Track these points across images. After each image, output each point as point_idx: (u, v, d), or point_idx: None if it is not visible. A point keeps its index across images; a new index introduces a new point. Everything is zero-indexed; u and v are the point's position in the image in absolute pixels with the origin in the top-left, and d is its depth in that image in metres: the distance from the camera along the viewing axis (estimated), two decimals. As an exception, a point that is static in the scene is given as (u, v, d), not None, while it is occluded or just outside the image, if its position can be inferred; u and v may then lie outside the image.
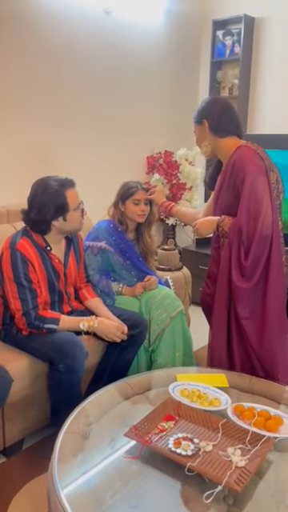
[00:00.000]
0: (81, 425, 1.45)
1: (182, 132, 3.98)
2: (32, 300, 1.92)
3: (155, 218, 2.51)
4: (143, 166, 3.71)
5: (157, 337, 2.31)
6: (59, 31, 2.88)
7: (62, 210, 1.94)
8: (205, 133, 1.99)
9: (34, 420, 2.03)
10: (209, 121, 1.97)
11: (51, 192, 1.92)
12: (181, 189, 3.63)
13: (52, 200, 1.91)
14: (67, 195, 1.94)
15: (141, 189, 2.37)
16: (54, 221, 1.95)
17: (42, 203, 1.92)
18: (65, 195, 1.93)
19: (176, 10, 3.63)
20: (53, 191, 1.92)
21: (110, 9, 3.13)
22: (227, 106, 2.00)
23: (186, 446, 1.30)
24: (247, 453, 1.30)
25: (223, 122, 1.96)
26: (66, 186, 1.95)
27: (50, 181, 1.94)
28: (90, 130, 3.23)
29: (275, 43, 3.54)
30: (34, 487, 1.77)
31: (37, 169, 2.12)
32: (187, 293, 2.88)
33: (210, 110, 1.98)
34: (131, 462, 1.30)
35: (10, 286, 1.92)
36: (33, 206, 1.94)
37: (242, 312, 1.89)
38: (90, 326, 2.01)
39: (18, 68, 2.74)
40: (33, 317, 1.92)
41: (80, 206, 2.01)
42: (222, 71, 3.86)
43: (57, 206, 1.92)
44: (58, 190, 1.92)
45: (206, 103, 2.03)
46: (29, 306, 1.91)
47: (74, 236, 2.15)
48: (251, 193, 1.83)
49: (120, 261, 2.41)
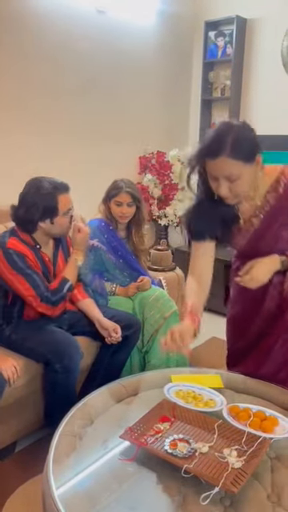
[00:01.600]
0: (76, 427, 1.44)
1: (175, 132, 3.99)
2: (42, 283, 1.94)
3: (144, 219, 2.50)
4: (135, 166, 3.70)
5: (150, 337, 2.30)
6: (52, 31, 2.87)
7: (51, 213, 1.93)
8: (256, 171, 1.46)
9: (27, 422, 2.01)
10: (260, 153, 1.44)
11: (43, 193, 1.90)
12: (173, 189, 3.63)
13: (42, 201, 1.90)
14: (59, 199, 1.92)
15: (124, 191, 2.36)
16: (40, 222, 1.94)
17: (31, 202, 1.90)
18: (56, 199, 1.92)
19: (168, 10, 3.63)
20: (45, 192, 1.90)
21: (103, 8, 3.12)
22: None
23: (182, 448, 1.30)
24: (243, 454, 1.29)
25: (257, 137, 1.46)
26: (59, 189, 1.93)
27: (44, 182, 1.93)
28: (82, 130, 3.21)
29: (267, 44, 3.56)
30: (27, 490, 1.76)
31: (30, 169, 2.10)
32: (180, 293, 2.88)
33: (257, 139, 1.44)
34: (127, 464, 1.29)
35: (16, 279, 1.91)
36: (22, 204, 1.93)
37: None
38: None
39: (11, 68, 2.72)
40: (50, 296, 1.94)
41: (70, 212, 1.99)
42: (214, 72, 3.87)
43: (46, 207, 1.91)
44: (50, 192, 1.91)
45: (248, 130, 1.43)
46: (42, 289, 1.93)
47: (63, 236, 2.14)
48: None
49: (112, 259, 2.40)
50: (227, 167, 1.38)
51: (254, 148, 1.42)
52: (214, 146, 1.37)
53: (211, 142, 1.39)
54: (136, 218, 2.44)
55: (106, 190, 2.43)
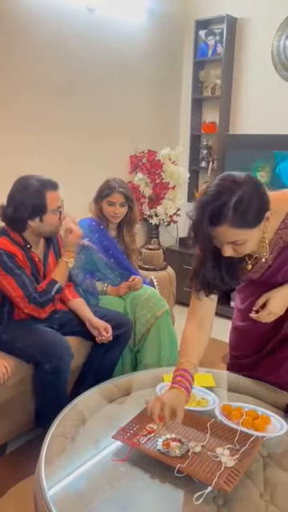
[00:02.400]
0: (67, 427, 1.43)
1: (166, 131, 3.99)
2: (31, 283, 1.92)
3: (136, 219, 2.50)
4: (126, 165, 3.69)
5: (142, 337, 2.30)
6: (42, 28, 2.85)
7: (39, 211, 1.91)
8: (265, 227, 1.34)
9: (18, 423, 1.99)
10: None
11: (31, 191, 1.89)
12: (164, 188, 3.62)
13: (30, 199, 1.89)
14: (47, 196, 1.91)
15: (117, 191, 2.35)
16: (30, 220, 1.92)
17: (20, 201, 1.89)
18: (45, 196, 1.91)
19: (159, 9, 3.62)
20: (33, 190, 1.89)
21: (93, 6, 3.10)
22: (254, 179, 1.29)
23: (175, 447, 1.30)
24: (236, 453, 1.29)
25: (265, 194, 1.30)
26: (47, 186, 1.92)
27: (31, 179, 1.91)
28: (73, 129, 3.19)
29: (257, 44, 3.57)
30: (19, 491, 1.74)
31: (19, 167, 2.08)
32: (172, 292, 2.89)
33: (265, 196, 1.29)
34: (119, 464, 1.29)
35: (5, 279, 1.89)
36: (11, 203, 1.92)
37: None
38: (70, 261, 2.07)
39: (0, 66, 2.69)
40: (38, 297, 1.93)
41: (59, 209, 1.98)
42: (204, 71, 3.87)
43: (34, 205, 1.90)
44: (38, 189, 1.89)
45: (253, 188, 1.25)
46: (30, 290, 1.91)
47: (54, 236, 2.13)
48: None
49: (103, 259, 2.39)
50: (230, 235, 1.26)
51: (260, 210, 1.26)
52: (215, 212, 1.22)
53: (212, 207, 1.22)
54: (128, 218, 2.44)
55: (97, 189, 2.42)
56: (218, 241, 1.31)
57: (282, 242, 1.43)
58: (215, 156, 3.90)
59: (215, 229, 1.25)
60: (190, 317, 1.55)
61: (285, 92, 3.46)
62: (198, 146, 4.03)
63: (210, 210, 1.23)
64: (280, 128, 3.43)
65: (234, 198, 1.21)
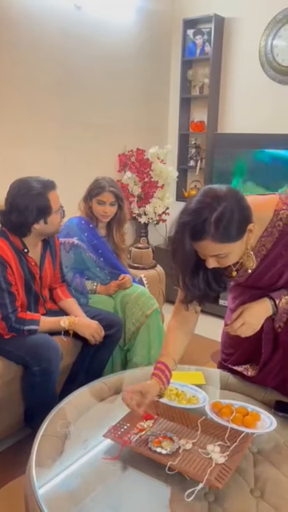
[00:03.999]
0: (58, 427, 1.43)
1: (154, 130, 3.99)
2: (11, 304, 1.87)
3: (125, 218, 2.50)
4: (115, 163, 3.69)
5: (132, 335, 2.30)
6: (26, 26, 2.82)
7: (45, 213, 1.89)
8: (248, 238, 1.34)
9: (7, 423, 1.98)
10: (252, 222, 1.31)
11: (34, 194, 1.86)
12: (153, 187, 3.63)
13: (35, 202, 1.86)
14: (50, 197, 1.90)
15: (107, 191, 2.34)
16: (35, 223, 1.90)
17: (24, 205, 1.85)
18: (48, 197, 1.89)
19: (147, 7, 3.62)
20: (36, 193, 1.86)
21: (81, 4, 3.09)
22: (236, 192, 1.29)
23: (166, 445, 1.30)
24: (226, 449, 1.30)
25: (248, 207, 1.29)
26: (48, 187, 1.90)
27: (32, 182, 1.88)
28: (61, 128, 3.18)
29: (245, 43, 3.58)
30: (9, 491, 1.73)
31: (8, 167, 2.07)
32: (161, 291, 2.89)
33: (247, 209, 1.29)
34: (110, 463, 1.29)
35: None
36: (13, 208, 1.87)
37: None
38: (71, 322, 1.98)
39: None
40: (13, 320, 1.87)
41: (61, 208, 1.98)
42: (192, 70, 3.88)
43: (40, 208, 1.87)
44: (40, 191, 1.87)
45: (234, 201, 1.24)
46: (8, 310, 1.86)
47: (51, 236, 2.11)
48: None
49: (93, 258, 2.39)
50: (213, 249, 1.26)
51: (242, 224, 1.26)
52: (196, 228, 1.22)
53: (193, 221, 1.23)
54: (117, 217, 2.43)
55: (87, 188, 2.41)
56: (201, 253, 1.32)
57: (265, 250, 1.43)
58: (203, 155, 3.92)
59: (198, 243, 1.26)
60: (174, 313, 1.60)
61: (272, 91, 3.49)
62: (186, 145, 4.04)
63: (192, 226, 1.23)
64: (268, 127, 3.46)
65: (215, 213, 1.21)
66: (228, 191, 1.26)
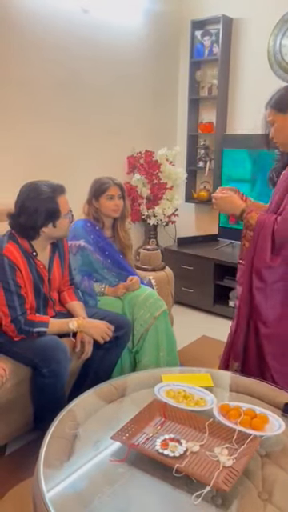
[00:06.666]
0: (66, 429, 1.43)
1: (163, 132, 3.99)
2: (20, 306, 1.89)
3: (129, 212, 2.52)
4: (124, 165, 3.70)
5: (140, 337, 2.30)
6: (36, 29, 2.85)
7: (53, 217, 1.90)
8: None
9: (16, 425, 1.99)
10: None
11: (44, 197, 1.87)
12: (162, 188, 3.63)
13: (44, 206, 1.87)
14: (59, 201, 1.91)
15: (113, 184, 2.37)
16: (43, 227, 1.91)
17: (33, 208, 1.87)
18: (57, 201, 1.90)
19: (155, 9, 3.63)
20: (45, 197, 1.88)
21: (88, 7, 3.11)
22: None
23: (174, 448, 1.30)
24: (234, 452, 1.30)
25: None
26: (57, 191, 1.91)
27: (41, 185, 1.89)
28: (69, 130, 3.20)
29: (253, 44, 3.57)
30: (18, 493, 1.74)
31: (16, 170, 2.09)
32: (170, 293, 2.88)
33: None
34: (118, 465, 1.29)
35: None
36: (23, 211, 1.89)
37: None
38: (80, 324, 1.99)
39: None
40: (22, 322, 1.88)
41: (70, 212, 1.99)
42: (201, 71, 3.88)
43: (48, 212, 1.88)
44: (50, 195, 1.88)
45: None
46: (17, 313, 1.87)
47: (60, 239, 2.12)
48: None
49: (100, 259, 2.39)
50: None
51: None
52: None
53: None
54: (121, 212, 2.45)
55: (89, 191, 2.42)
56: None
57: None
58: (212, 156, 3.91)
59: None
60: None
61: (281, 91, 3.47)
62: (195, 146, 4.04)
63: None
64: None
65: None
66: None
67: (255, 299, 1.82)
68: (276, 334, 1.83)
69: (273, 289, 1.80)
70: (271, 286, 1.80)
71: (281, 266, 1.78)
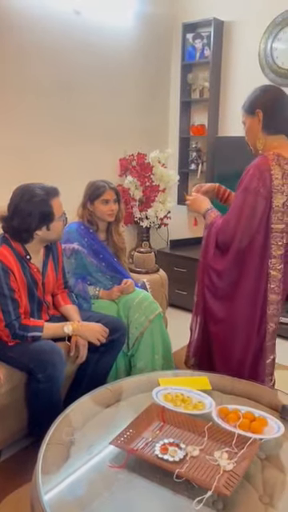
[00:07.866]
0: (64, 434, 1.42)
1: (155, 134, 3.99)
2: (14, 311, 1.86)
3: (123, 215, 2.51)
4: (116, 168, 3.68)
5: (136, 340, 2.29)
6: (27, 31, 2.82)
7: (47, 220, 1.89)
8: (258, 126, 1.82)
9: (11, 431, 1.97)
10: (263, 113, 1.79)
11: (37, 200, 1.85)
12: (154, 191, 3.62)
13: (38, 208, 1.85)
14: (53, 204, 1.89)
15: (108, 188, 2.36)
16: (37, 230, 1.89)
17: (27, 211, 1.85)
18: (51, 204, 1.88)
19: (146, 12, 3.63)
20: (39, 199, 1.86)
21: (80, 9, 3.09)
22: (281, 96, 1.80)
23: (173, 452, 1.29)
24: (234, 456, 1.29)
25: (277, 116, 1.78)
26: (51, 194, 1.90)
27: (35, 188, 1.87)
28: (61, 133, 3.18)
29: (244, 47, 3.59)
30: (15, 499, 1.72)
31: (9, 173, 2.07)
32: (164, 295, 2.88)
33: (266, 100, 1.80)
34: (117, 470, 1.28)
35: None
36: (16, 214, 1.86)
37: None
38: (75, 328, 1.97)
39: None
40: (16, 327, 1.86)
41: (64, 215, 1.97)
42: (192, 74, 3.88)
43: (42, 214, 1.86)
44: (44, 198, 1.86)
45: (261, 91, 1.84)
46: (11, 317, 1.85)
47: (53, 242, 2.10)
48: (235, 207, 1.82)
49: (94, 263, 2.38)
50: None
51: (255, 103, 1.83)
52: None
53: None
54: (115, 216, 2.44)
55: (84, 194, 2.41)
56: None
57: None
58: (204, 158, 3.92)
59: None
60: None
61: (272, 94, 3.49)
62: (187, 149, 4.04)
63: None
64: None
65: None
66: (275, 88, 1.94)
67: (206, 296, 1.94)
68: (222, 330, 1.94)
69: (222, 290, 1.92)
70: (221, 287, 1.92)
71: (230, 271, 1.88)
